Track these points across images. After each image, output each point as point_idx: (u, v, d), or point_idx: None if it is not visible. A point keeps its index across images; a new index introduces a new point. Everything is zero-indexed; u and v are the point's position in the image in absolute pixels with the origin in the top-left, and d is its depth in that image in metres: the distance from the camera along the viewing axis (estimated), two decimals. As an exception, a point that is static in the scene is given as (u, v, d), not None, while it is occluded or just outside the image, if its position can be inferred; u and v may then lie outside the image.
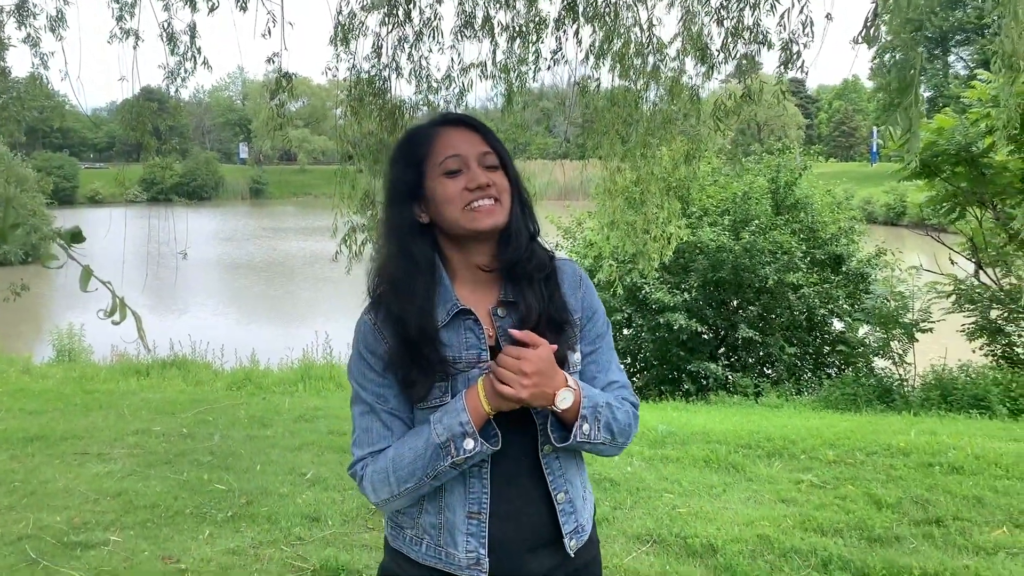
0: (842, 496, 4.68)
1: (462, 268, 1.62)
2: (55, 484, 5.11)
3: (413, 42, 6.31)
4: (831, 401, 9.34)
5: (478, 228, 1.54)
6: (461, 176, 1.55)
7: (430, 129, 1.61)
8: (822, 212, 12.10)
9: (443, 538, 1.59)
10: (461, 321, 1.58)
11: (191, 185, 70.33)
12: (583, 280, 1.70)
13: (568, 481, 1.64)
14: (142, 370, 12.20)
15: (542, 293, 1.59)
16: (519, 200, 1.61)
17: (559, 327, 1.59)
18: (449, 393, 1.55)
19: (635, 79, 6.51)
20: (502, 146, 1.60)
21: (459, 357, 1.56)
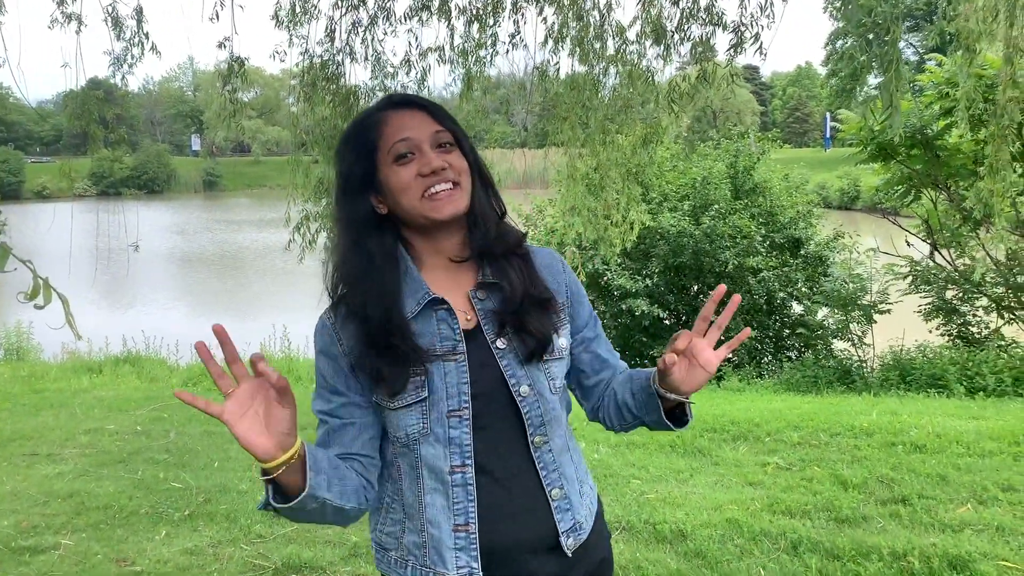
0: (808, 478, 4.68)
1: (431, 256, 1.50)
2: (2, 487, 4.92)
3: (367, 25, 6.17)
4: (792, 384, 9.40)
5: (438, 218, 1.43)
6: (413, 161, 1.43)
7: (377, 113, 1.49)
8: (780, 196, 12.18)
9: (429, 557, 1.46)
10: (433, 312, 1.46)
11: (142, 178, 69.08)
12: (565, 266, 1.61)
13: (563, 475, 1.51)
14: (94, 367, 11.91)
15: (522, 271, 1.50)
16: (481, 180, 1.51)
17: (543, 305, 1.50)
18: (426, 388, 1.42)
19: (594, 63, 6.45)
20: (456, 124, 1.49)
21: (432, 349, 1.44)
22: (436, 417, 1.42)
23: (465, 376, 1.43)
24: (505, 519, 1.45)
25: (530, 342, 1.45)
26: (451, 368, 1.43)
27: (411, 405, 1.42)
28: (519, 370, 1.45)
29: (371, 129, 1.47)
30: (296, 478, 1.26)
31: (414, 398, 1.42)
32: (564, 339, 1.53)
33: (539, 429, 1.47)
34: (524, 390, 1.45)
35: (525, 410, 1.45)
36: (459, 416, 1.42)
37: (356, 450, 1.47)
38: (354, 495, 1.42)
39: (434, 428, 1.42)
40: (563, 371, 1.54)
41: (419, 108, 1.47)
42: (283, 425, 1.22)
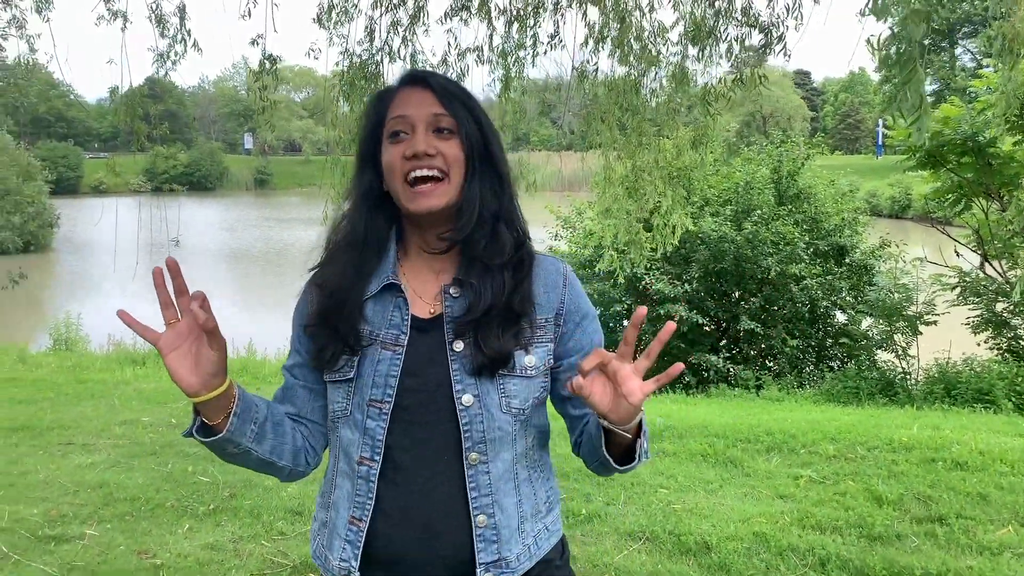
0: (842, 492, 4.55)
1: (417, 242, 1.46)
2: (36, 475, 5.00)
3: (407, 25, 6.17)
4: (833, 394, 9.21)
5: (413, 210, 1.37)
6: (403, 142, 1.37)
7: (391, 88, 1.45)
8: (825, 203, 11.94)
9: (326, 539, 1.45)
10: (392, 297, 1.41)
11: (195, 175, 70.31)
12: (568, 280, 1.47)
13: (497, 503, 1.38)
14: (138, 359, 12.12)
15: (503, 281, 1.38)
16: (481, 175, 1.41)
17: (514, 320, 1.38)
18: (355, 368, 1.38)
19: (634, 64, 6.37)
20: (464, 109, 1.39)
21: (376, 333, 1.40)
22: (358, 402, 1.38)
23: (396, 368, 1.37)
24: (408, 526, 1.37)
25: (480, 356, 1.36)
26: (385, 357, 1.38)
27: (339, 383, 1.40)
28: (468, 378, 1.36)
29: (381, 103, 1.43)
30: (220, 419, 1.30)
31: (341, 376, 1.40)
32: (535, 357, 1.41)
33: (478, 446, 1.36)
34: (467, 399, 1.36)
35: (464, 421, 1.36)
36: (379, 407, 1.37)
37: (306, 414, 1.48)
38: (290, 455, 1.44)
39: (354, 412, 1.39)
40: (529, 392, 1.40)
41: (427, 87, 1.40)
42: (210, 367, 1.24)
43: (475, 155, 1.40)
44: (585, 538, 3.98)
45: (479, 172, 1.41)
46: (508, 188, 1.45)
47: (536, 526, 1.45)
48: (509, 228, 1.43)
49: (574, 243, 12.30)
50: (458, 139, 1.39)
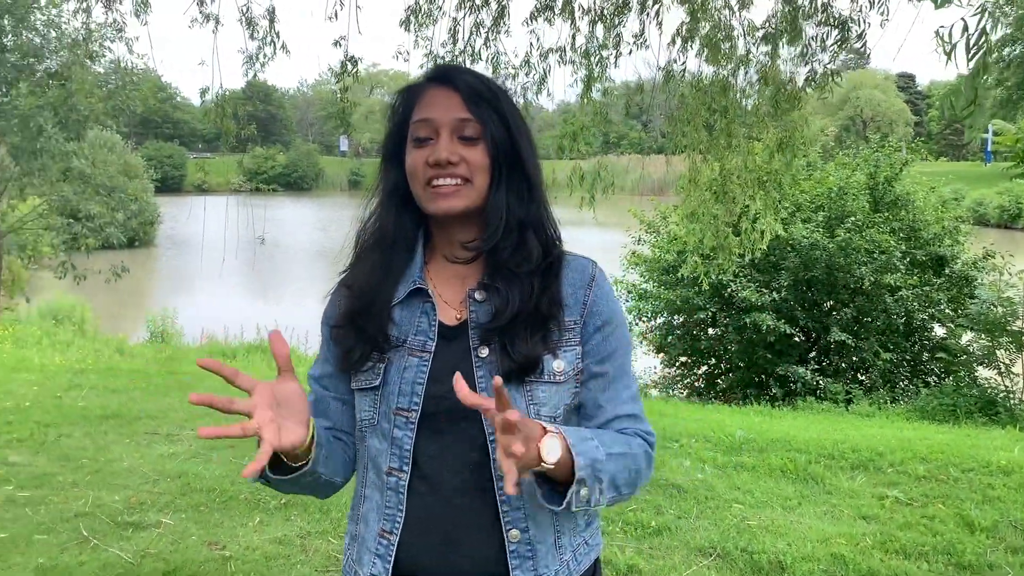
0: (930, 516, 4.30)
1: (442, 246, 1.40)
2: (120, 463, 5.16)
3: (490, 27, 6.16)
4: (928, 411, 8.78)
5: (432, 211, 1.33)
6: (427, 147, 1.32)
7: (416, 85, 1.39)
8: (925, 210, 11.40)
9: (356, 553, 1.39)
10: (419, 303, 1.36)
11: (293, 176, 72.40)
12: (596, 281, 1.39)
13: (530, 517, 1.30)
14: (228, 353, 12.52)
15: (531, 287, 1.32)
16: (508, 180, 1.34)
17: (541, 324, 1.31)
18: (381, 376, 1.33)
19: (723, 64, 6.21)
20: (492, 111, 1.33)
21: (403, 338, 1.34)
22: (384, 411, 1.33)
23: (423, 376, 1.31)
24: (439, 540, 1.30)
25: (507, 362, 1.28)
26: (412, 363, 1.32)
27: (365, 390, 1.35)
28: None
29: (406, 101, 1.38)
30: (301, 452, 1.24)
31: (368, 383, 1.34)
32: (564, 362, 1.33)
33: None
34: None
35: (490, 430, 1.28)
36: (406, 416, 1.31)
37: (340, 426, 1.43)
38: (342, 469, 1.40)
39: (381, 422, 1.33)
40: (559, 398, 1.32)
41: (453, 88, 1.34)
42: (302, 404, 1.20)
43: (501, 160, 1.34)
44: (653, 551, 3.87)
45: (506, 178, 1.35)
46: (538, 193, 1.38)
47: (575, 540, 1.37)
48: (537, 234, 1.36)
49: (657, 248, 12.09)
50: (483, 145, 1.33)
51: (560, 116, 14.66)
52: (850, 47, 5.39)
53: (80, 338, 13.44)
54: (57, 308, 15.48)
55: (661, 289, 11.81)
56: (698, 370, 12.41)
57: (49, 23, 15.49)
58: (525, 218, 1.35)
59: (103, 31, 10.88)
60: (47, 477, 4.84)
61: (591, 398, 1.35)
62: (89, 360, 10.25)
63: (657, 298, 11.85)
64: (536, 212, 1.37)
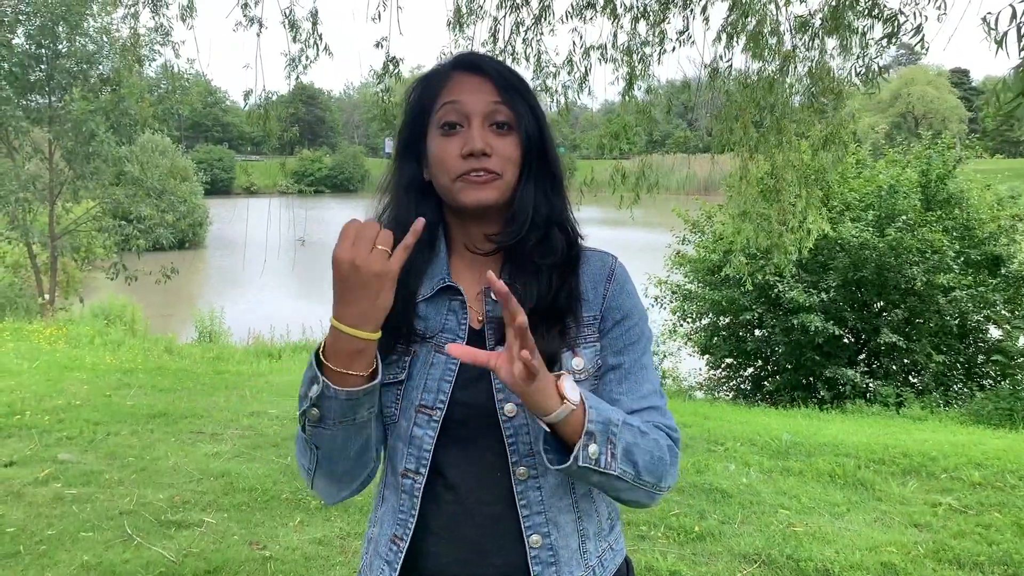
0: (986, 524, 4.16)
1: (461, 240, 1.35)
2: (165, 462, 5.23)
3: (530, 25, 6.13)
4: (983, 415, 8.52)
5: (460, 203, 1.26)
6: (458, 135, 1.24)
7: (439, 72, 1.31)
8: (979, 209, 11.07)
9: (369, 557, 1.35)
10: (446, 300, 1.31)
11: (339, 178, 73.08)
12: (615, 275, 1.34)
13: (551, 522, 1.26)
14: (274, 353, 12.66)
15: (549, 281, 1.28)
16: (536, 175, 1.29)
17: (558, 318, 1.27)
18: (406, 370, 1.27)
19: (769, 60, 6.10)
20: (524, 102, 1.26)
21: (430, 333, 1.29)
22: (407, 406, 1.27)
23: (451, 375, 1.26)
24: (456, 546, 1.26)
25: None
26: (439, 361, 1.27)
27: (389, 384, 1.28)
28: None
29: (429, 88, 1.30)
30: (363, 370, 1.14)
31: (392, 377, 1.28)
32: (583, 359, 1.28)
33: (525, 459, 1.25)
34: (509, 409, 1.24)
35: (508, 433, 1.24)
36: (428, 414, 1.26)
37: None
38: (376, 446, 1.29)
39: (401, 418, 1.28)
40: None
41: (484, 74, 1.27)
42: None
43: (533, 154, 1.28)
44: (696, 557, 3.79)
45: (535, 172, 1.30)
46: (561, 188, 1.34)
47: (600, 545, 1.33)
48: (561, 230, 1.32)
49: (702, 248, 11.93)
50: (516, 136, 1.26)
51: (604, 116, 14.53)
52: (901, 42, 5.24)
53: (131, 337, 13.70)
54: (109, 308, 15.80)
55: (706, 290, 11.66)
56: (744, 372, 12.22)
57: (102, 29, 15.86)
58: (551, 214, 1.30)
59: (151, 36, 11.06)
60: (94, 475, 4.91)
61: (607, 391, 1.30)
62: (139, 359, 10.43)
63: (702, 299, 11.70)
64: (560, 208, 1.33)
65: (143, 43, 10.44)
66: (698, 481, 4.84)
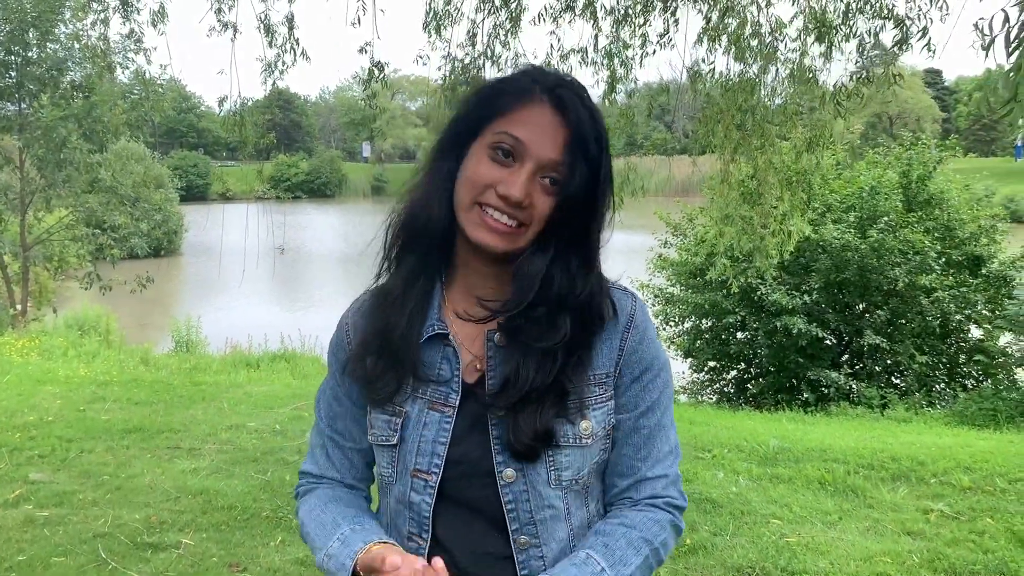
0: (979, 531, 4.11)
1: (463, 274, 1.22)
2: (141, 479, 5.08)
3: (509, 28, 6.04)
4: (967, 416, 8.52)
5: (470, 235, 1.13)
6: (504, 168, 1.11)
7: (526, 88, 1.14)
8: (959, 209, 11.10)
9: None
10: (439, 345, 1.19)
11: (316, 182, 72.71)
12: (635, 322, 1.20)
13: (541, 525, 1.17)
14: (252, 363, 12.47)
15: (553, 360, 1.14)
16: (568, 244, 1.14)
17: (559, 396, 1.14)
18: (398, 432, 1.18)
19: (751, 62, 6.06)
20: (585, 164, 1.11)
21: (422, 387, 1.19)
22: (401, 470, 1.19)
23: (445, 435, 1.16)
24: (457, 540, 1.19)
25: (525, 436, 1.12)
26: (433, 419, 1.17)
27: (383, 447, 1.21)
28: (509, 449, 1.14)
29: (503, 96, 1.14)
30: None
31: (384, 439, 1.20)
32: (593, 423, 1.17)
33: (526, 528, 1.16)
34: (508, 475, 1.15)
35: (507, 499, 1.15)
36: (424, 479, 1.17)
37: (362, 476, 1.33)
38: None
39: (397, 482, 1.20)
40: (584, 460, 1.17)
41: (563, 119, 1.11)
42: None
43: (567, 220, 1.13)
44: (690, 572, 3.71)
45: (565, 243, 1.15)
46: (594, 265, 1.18)
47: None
48: (574, 313, 1.16)
49: (684, 250, 11.89)
50: (557, 196, 1.12)
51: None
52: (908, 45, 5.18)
53: (105, 348, 13.46)
54: (83, 319, 15.53)
55: (688, 293, 11.62)
56: (727, 375, 12.19)
57: (73, 36, 15.60)
58: (567, 296, 1.15)
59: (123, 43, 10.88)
60: (67, 495, 4.76)
61: (625, 457, 1.22)
62: (113, 371, 10.22)
63: (684, 302, 11.66)
64: (584, 291, 1.16)
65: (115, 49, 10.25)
66: (687, 491, 4.73)
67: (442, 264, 1.23)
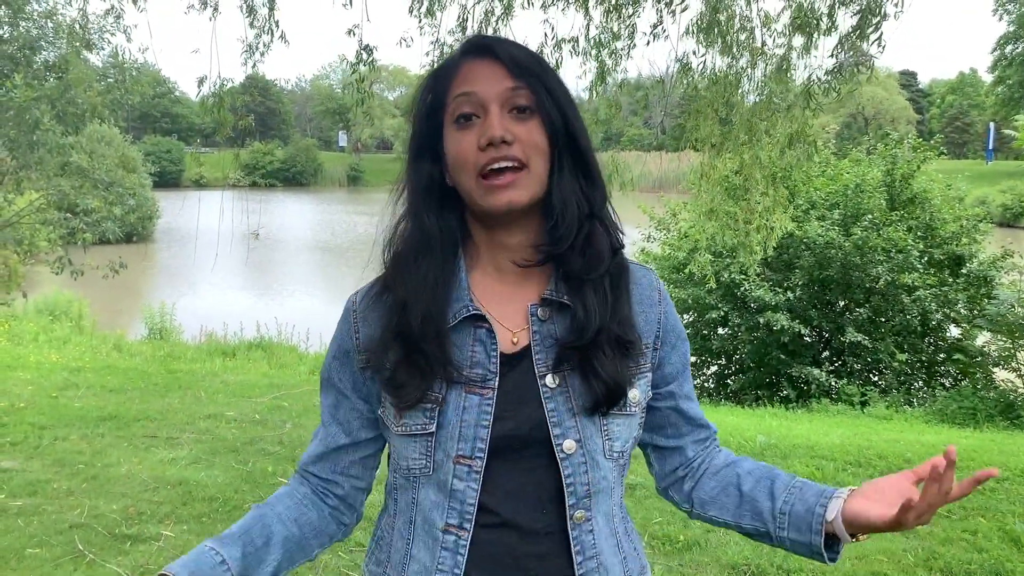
0: (972, 530, 4.09)
1: (489, 253, 1.17)
2: (118, 469, 4.94)
3: (500, 15, 5.94)
4: (947, 414, 8.57)
5: (488, 207, 1.09)
6: (474, 127, 1.09)
7: (450, 62, 1.15)
8: (941, 208, 11.16)
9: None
10: (470, 328, 1.13)
11: (291, 171, 72.04)
12: (663, 295, 1.22)
13: (603, 567, 1.15)
14: (228, 351, 12.28)
15: (606, 297, 1.12)
16: (570, 163, 1.12)
17: (624, 348, 1.12)
18: (435, 421, 1.10)
19: (738, 56, 6.04)
20: (541, 82, 1.10)
21: (458, 372, 1.11)
22: (441, 458, 1.11)
23: (488, 417, 1.09)
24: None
25: (598, 388, 1.09)
26: (473, 403, 1.10)
27: (416, 436, 1.12)
28: (568, 420, 1.10)
29: (439, 80, 1.14)
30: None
31: (420, 428, 1.12)
32: (639, 391, 1.16)
33: (583, 501, 1.12)
34: (568, 446, 1.10)
35: (567, 472, 1.10)
36: (468, 465, 1.10)
37: (343, 468, 1.22)
38: (316, 538, 1.21)
39: (437, 471, 1.11)
40: (630, 432, 1.17)
41: (495, 58, 1.11)
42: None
43: (560, 140, 1.11)
44: (684, 569, 3.65)
45: (568, 161, 1.12)
46: (600, 181, 1.17)
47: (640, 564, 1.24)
48: (603, 227, 1.15)
49: (668, 245, 11.86)
50: (538, 119, 1.10)
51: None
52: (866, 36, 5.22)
53: (77, 334, 13.21)
54: (54, 304, 15.22)
55: (671, 287, 11.59)
56: (707, 370, 12.19)
57: (47, 14, 15.23)
58: (591, 211, 1.13)
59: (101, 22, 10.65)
60: (41, 484, 4.61)
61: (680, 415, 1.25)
62: (86, 358, 10.01)
63: (667, 296, 11.61)
64: (601, 201, 1.15)
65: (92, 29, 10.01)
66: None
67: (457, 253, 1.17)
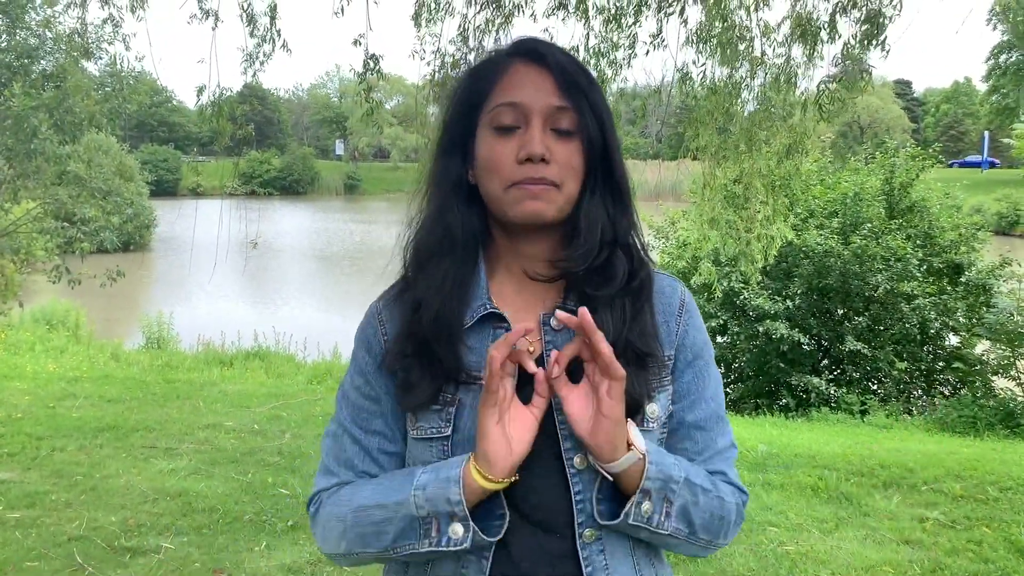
0: (977, 540, 4.06)
1: (508, 258, 1.15)
2: (117, 480, 4.90)
3: (501, 24, 5.95)
4: (947, 423, 8.55)
5: (512, 216, 1.08)
6: (514, 137, 1.07)
7: (498, 60, 1.13)
8: (940, 217, 11.16)
9: None
10: (489, 329, 1.11)
11: (288, 180, 72.00)
12: (687, 305, 1.19)
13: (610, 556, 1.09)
14: (226, 360, 12.23)
15: (623, 310, 1.10)
16: (602, 186, 1.11)
17: (641, 361, 1.09)
18: (451, 424, 1.08)
19: (737, 66, 6.05)
20: (587, 102, 1.08)
21: (475, 374, 1.09)
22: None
23: None
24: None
25: None
26: None
27: (432, 439, 1.10)
28: None
29: (482, 79, 1.12)
30: None
31: (435, 431, 1.09)
32: (658, 406, 1.12)
33: (591, 521, 1.08)
34: (578, 462, 1.07)
35: (576, 489, 1.07)
36: None
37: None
38: None
39: None
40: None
41: (547, 68, 1.09)
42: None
43: (595, 162, 1.11)
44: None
45: (599, 186, 1.12)
46: (629, 204, 1.16)
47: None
48: (625, 253, 1.13)
49: (667, 254, 11.85)
50: (578, 141, 1.09)
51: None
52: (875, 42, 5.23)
53: (74, 344, 13.15)
54: (51, 313, 15.16)
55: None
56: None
57: (45, 23, 15.21)
58: (615, 236, 1.12)
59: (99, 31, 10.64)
60: (39, 496, 4.58)
61: (681, 450, 1.16)
62: (83, 367, 9.97)
63: (666, 305, 11.58)
64: (625, 227, 1.14)
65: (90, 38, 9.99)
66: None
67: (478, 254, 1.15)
